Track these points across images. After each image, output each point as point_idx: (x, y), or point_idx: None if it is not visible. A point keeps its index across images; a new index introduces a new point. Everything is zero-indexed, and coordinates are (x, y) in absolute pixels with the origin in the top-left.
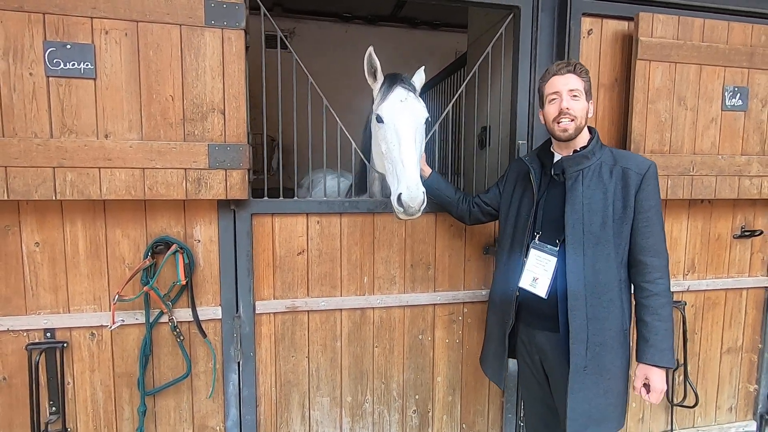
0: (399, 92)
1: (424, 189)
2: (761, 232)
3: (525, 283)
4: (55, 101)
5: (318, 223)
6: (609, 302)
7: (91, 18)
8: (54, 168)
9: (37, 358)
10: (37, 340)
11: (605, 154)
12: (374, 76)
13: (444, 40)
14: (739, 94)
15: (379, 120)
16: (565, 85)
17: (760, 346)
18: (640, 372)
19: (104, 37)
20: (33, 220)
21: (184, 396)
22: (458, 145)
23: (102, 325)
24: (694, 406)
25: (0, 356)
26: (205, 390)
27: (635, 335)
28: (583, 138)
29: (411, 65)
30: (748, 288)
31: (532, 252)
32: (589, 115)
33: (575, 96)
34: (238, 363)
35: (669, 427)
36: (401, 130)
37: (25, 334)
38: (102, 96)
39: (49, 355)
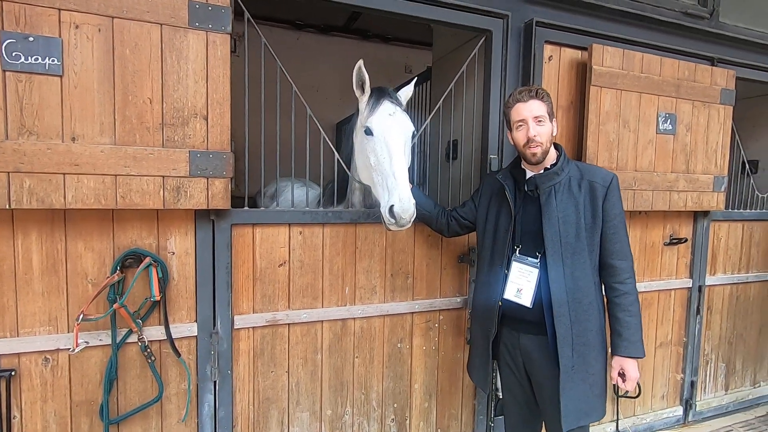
0: (387, 106)
1: (414, 201)
2: (686, 240)
3: (510, 294)
4: (13, 99)
5: (300, 233)
6: (588, 305)
7: (59, 9)
8: (9, 173)
9: None
10: None
11: (572, 168)
12: (362, 89)
13: (394, 54)
14: (669, 120)
15: (369, 132)
16: (530, 112)
17: (684, 339)
18: (616, 363)
19: (74, 32)
20: None
21: (153, 421)
22: (424, 157)
23: (58, 349)
24: (636, 397)
25: None
26: (176, 413)
27: (608, 330)
28: (552, 156)
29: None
30: (675, 289)
31: (515, 265)
32: (554, 134)
33: (540, 121)
34: (215, 382)
35: (615, 417)
36: (391, 143)
37: None
38: (70, 95)
39: None
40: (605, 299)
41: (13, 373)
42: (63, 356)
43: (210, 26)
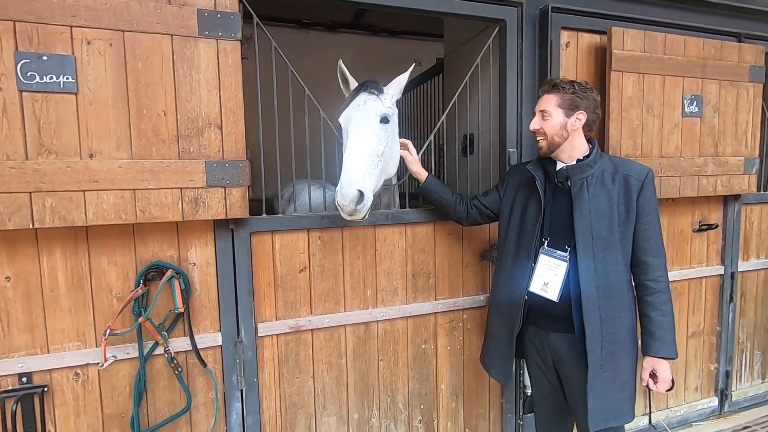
0: (359, 98)
1: (361, 188)
2: (717, 226)
3: (536, 287)
4: (31, 119)
5: (320, 238)
6: (619, 302)
7: (71, 27)
8: (31, 193)
9: (13, 407)
10: (11, 387)
11: (605, 162)
12: (348, 86)
13: (403, 47)
14: (695, 102)
15: (340, 128)
16: (538, 107)
17: (718, 328)
18: (648, 364)
19: (86, 48)
20: (2, 251)
21: (183, 431)
22: (439, 152)
23: (87, 364)
24: (670, 390)
25: None
26: (205, 423)
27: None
28: (584, 148)
29: (371, 71)
30: (706, 277)
31: (542, 257)
32: (573, 127)
33: (544, 116)
34: (241, 390)
35: (647, 411)
36: (350, 132)
37: None
38: (85, 112)
39: (26, 402)
40: (636, 297)
41: (46, 389)
42: (93, 371)
43: (220, 34)
